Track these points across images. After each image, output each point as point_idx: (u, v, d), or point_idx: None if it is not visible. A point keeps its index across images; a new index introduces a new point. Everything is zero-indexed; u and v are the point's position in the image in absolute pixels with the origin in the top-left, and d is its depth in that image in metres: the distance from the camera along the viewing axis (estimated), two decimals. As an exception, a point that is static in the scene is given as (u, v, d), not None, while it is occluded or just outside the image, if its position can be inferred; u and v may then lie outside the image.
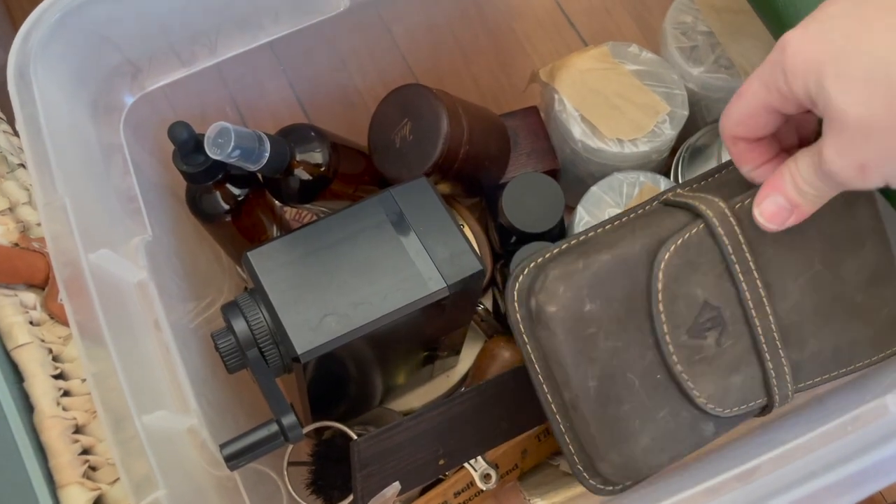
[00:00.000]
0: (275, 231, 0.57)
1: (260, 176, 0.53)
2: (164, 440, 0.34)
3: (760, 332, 0.39)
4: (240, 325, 0.42)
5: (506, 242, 0.59)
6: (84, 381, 0.40)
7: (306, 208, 0.61)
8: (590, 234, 0.40)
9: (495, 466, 0.50)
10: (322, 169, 0.52)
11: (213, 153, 0.45)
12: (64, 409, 0.38)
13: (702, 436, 0.40)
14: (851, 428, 0.36)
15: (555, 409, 0.39)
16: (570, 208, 0.58)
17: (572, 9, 0.76)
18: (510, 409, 0.47)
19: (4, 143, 0.49)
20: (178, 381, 0.37)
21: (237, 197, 0.52)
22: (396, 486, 0.43)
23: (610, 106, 0.57)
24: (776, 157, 0.38)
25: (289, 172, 0.51)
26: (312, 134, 0.53)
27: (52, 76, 0.38)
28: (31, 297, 0.42)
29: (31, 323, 0.40)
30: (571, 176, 0.62)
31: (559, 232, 0.57)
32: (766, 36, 0.47)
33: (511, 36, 0.75)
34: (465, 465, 0.49)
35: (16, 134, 0.52)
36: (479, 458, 0.49)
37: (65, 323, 0.42)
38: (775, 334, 0.39)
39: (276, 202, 0.57)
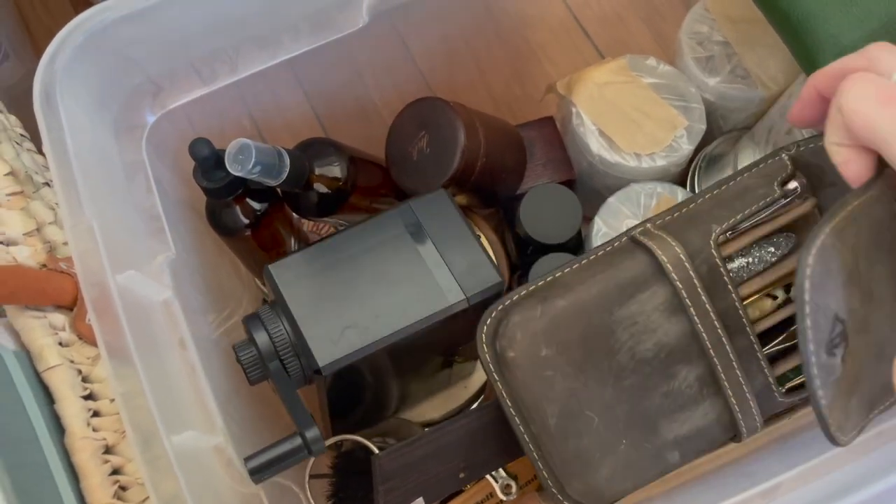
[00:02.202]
0: (293, 244, 0.57)
1: (279, 190, 0.54)
2: (192, 459, 0.34)
3: (719, 367, 0.39)
4: (262, 337, 0.43)
5: (523, 253, 0.60)
6: (113, 401, 0.41)
7: (325, 221, 0.61)
8: (556, 275, 0.42)
9: (514, 477, 0.50)
10: (340, 183, 0.53)
11: (234, 169, 0.45)
12: (94, 429, 0.39)
13: (667, 463, 0.41)
14: (875, 444, 0.36)
15: (527, 439, 0.41)
16: (588, 219, 0.58)
17: (585, 17, 0.76)
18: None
19: (29, 163, 0.49)
20: (203, 399, 0.37)
21: (256, 211, 0.52)
22: (420, 501, 0.44)
23: (628, 120, 0.57)
24: None
25: (308, 186, 0.52)
26: (331, 148, 0.53)
27: (76, 98, 0.39)
28: (59, 319, 0.42)
29: (60, 344, 0.41)
30: (588, 188, 0.62)
31: (577, 243, 0.57)
32: (783, 46, 0.47)
33: (525, 46, 0.75)
34: (487, 476, 0.49)
35: (40, 152, 0.53)
36: (500, 469, 0.50)
37: (93, 343, 0.43)
38: (736, 370, 0.39)
39: (295, 215, 0.57)
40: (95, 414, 0.40)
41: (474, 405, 0.59)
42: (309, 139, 0.53)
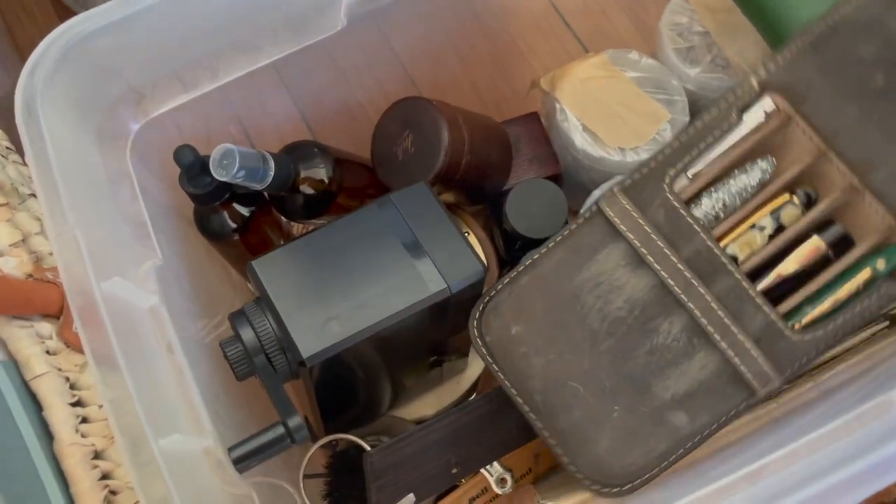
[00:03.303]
0: (282, 247, 0.57)
1: (266, 193, 0.54)
2: (181, 462, 0.35)
3: (697, 313, 0.38)
4: (247, 333, 0.43)
5: (511, 248, 0.60)
6: (101, 407, 0.41)
7: (313, 223, 0.62)
8: (535, 257, 0.42)
9: (509, 471, 0.51)
10: (326, 184, 0.53)
11: (219, 175, 0.46)
12: (83, 435, 0.39)
13: (674, 427, 0.39)
14: (857, 424, 0.36)
15: (533, 418, 0.41)
16: (574, 213, 0.58)
17: (567, 9, 0.77)
18: (519, 416, 0.47)
19: (15, 174, 0.50)
20: (192, 402, 0.38)
21: (244, 215, 0.53)
22: (411, 497, 0.44)
23: (611, 115, 0.57)
24: None
25: (294, 189, 0.52)
26: (315, 150, 0.53)
27: (58, 109, 0.39)
28: (46, 328, 0.43)
29: (47, 352, 0.41)
30: (574, 182, 0.62)
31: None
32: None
33: (508, 40, 0.76)
34: (482, 470, 0.50)
35: (25, 164, 0.53)
36: (495, 462, 0.50)
37: (80, 351, 0.43)
38: (719, 313, 0.38)
39: (283, 218, 0.57)
40: (84, 420, 0.40)
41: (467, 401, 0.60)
42: (294, 142, 0.54)
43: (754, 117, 0.40)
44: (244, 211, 0.53)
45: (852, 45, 0.38)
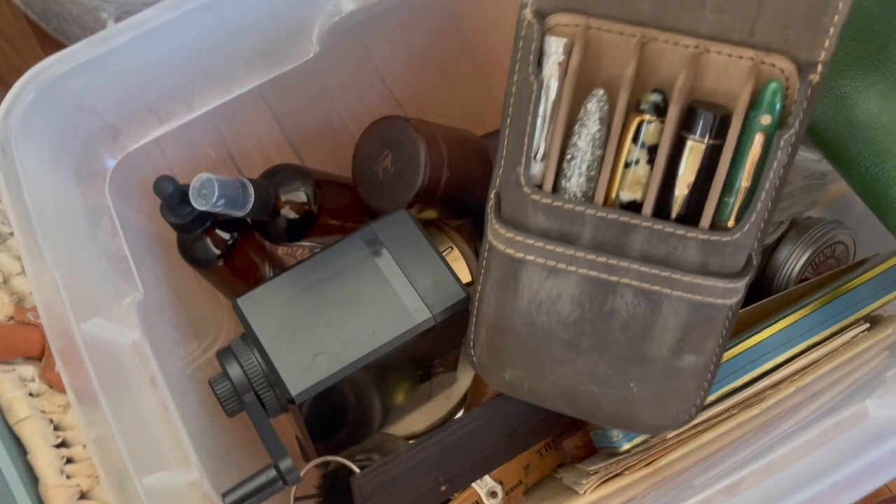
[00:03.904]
0: (268, 269, 0.58)
1: (248, 219, 0.54)
2: (168, 498, 0.35)
3: (628, 279, 0.37)
4: (234, 371, 0.44)
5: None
6: (86, 446, 0.42)
7: (298, 245, 0.62)
8: (477, 307, 0.44)
9: (500, 483, 0.51)
10: (307, 207, 0.54)
11: (199, 204, 0.46)
12: (68, 476, 0.40)
13: (689, 368, 0.39)
14: (832, 434, 0.37)
15: None
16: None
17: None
18: (506, 431, 0.48)
19: (-5, 214, 0.50)
20: (177, 436, 0.38)
21: (227, 241, 0.53)
22: (398, 518, 0.45)
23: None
24: None
25: (275, 213, 0.52)
26: (296, 173, 0.54)
27: (34, 150, 0.40)
28: (28, 370, 0.43)
29: (30, 395, 0.42)
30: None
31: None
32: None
33: (488, 50, 0.76)
34: (472, 484, 0.50)
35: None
36: (485, 475, 0.50)
37: (63, 391, 0.44)
38: (647, 268, 0.36)
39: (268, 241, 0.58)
40: (69, 461, 0.41)
41: (458, 414, 0.60)
42: (273, 166, 0.54)
43: (553, 64, 0.36)
44: (227, 237, 0.53)
45: None
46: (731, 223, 0.36)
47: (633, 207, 0.37)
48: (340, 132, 0.70)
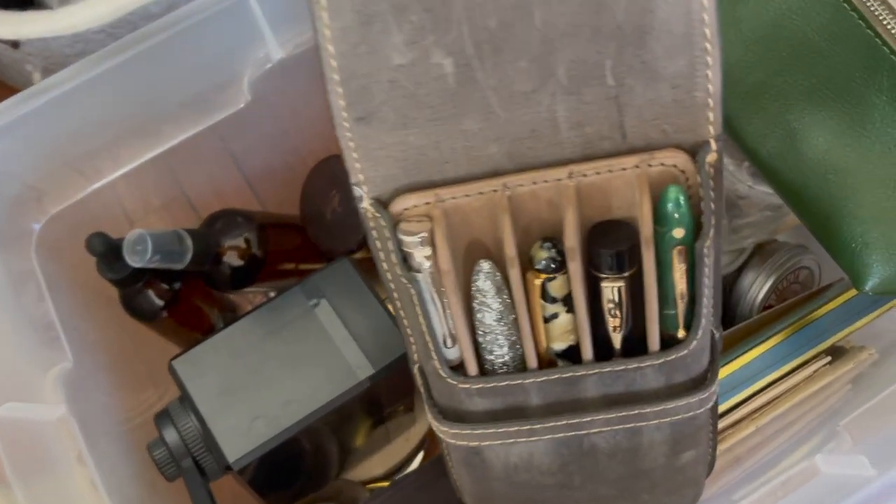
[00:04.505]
0: (216, 317, 0.56)
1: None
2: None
3: (606, 429, 0.34)
4: (171, 436, 0.42)
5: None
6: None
7: (246, 292, 0.61)
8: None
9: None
10: (252, 252, 0.52)
11: (133, 261, 0.45)
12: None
13: (689, 465, 0.37)
14: (782, 493, 0.36)
15: None
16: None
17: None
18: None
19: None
20: (105, 515, 0.37)
21: (171, 291, 0.52)
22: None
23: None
24: None
25: (217, 262, 0.51)
26: (239, 218, 0.52)
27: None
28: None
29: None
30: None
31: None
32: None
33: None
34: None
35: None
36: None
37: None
38: (613, 415, 0.34)
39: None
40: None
41: (418, 455, 0.59)
42: (215, 212, 0.53)
43: (420, 261, 0.31)
44: (170, 287, 0.52)
45: None
46: (681, 333, 0.32)
47: (572, 351, 0.34)
48: (299, 170, 0.68)
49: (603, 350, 0.33)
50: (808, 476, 0.35)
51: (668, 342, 0.32)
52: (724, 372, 0.48)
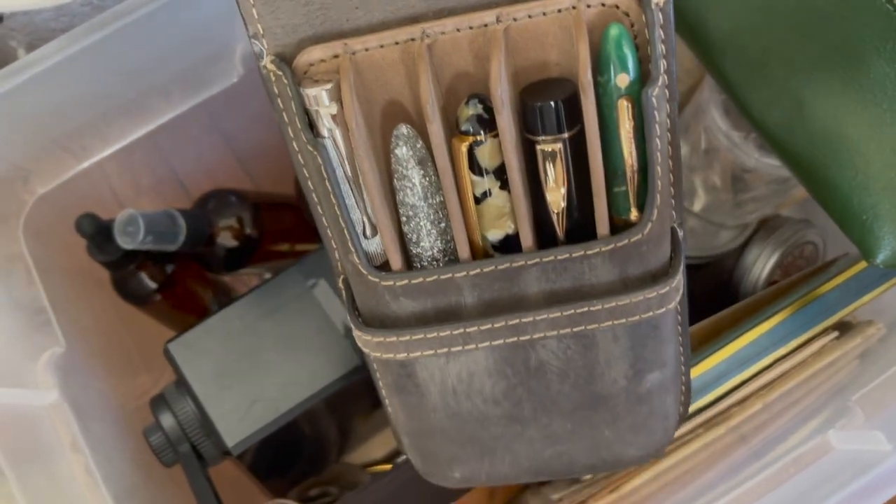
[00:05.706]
0: (211, 299, 0.55)
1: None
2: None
3: (553, 329, 0.29)
4: (168, 421, 0.41)
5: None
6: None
7: (241, 274, 0.60)
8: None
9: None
10: (246, 233, 0.51)
11: (125, 243, 0.44)
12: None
13: (657, 385, 0.33)
14: (794, 470, 0.35)
15: None
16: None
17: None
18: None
19: None
20: (101, 501, 0.36)
21: (164, 273, 0.51)
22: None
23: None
24: None
25: (211, 243, 0.50)
26: (232, 198, 0.51)
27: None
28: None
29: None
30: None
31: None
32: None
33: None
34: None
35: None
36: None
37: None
38: (561, 313, 0.29)
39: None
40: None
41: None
42: (207, 192, 0.51)
43: (326, 120, 0.27)
44: (164, 269, 0.51)
45: None
46: (633, 215, 0.28)
47: (510, 243, 0.29)
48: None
49: (546, 240, 0.29)
50: (821, 453, 0.34)
51: (622, 229, 0.28)
52: (730, 349, 0.47)
